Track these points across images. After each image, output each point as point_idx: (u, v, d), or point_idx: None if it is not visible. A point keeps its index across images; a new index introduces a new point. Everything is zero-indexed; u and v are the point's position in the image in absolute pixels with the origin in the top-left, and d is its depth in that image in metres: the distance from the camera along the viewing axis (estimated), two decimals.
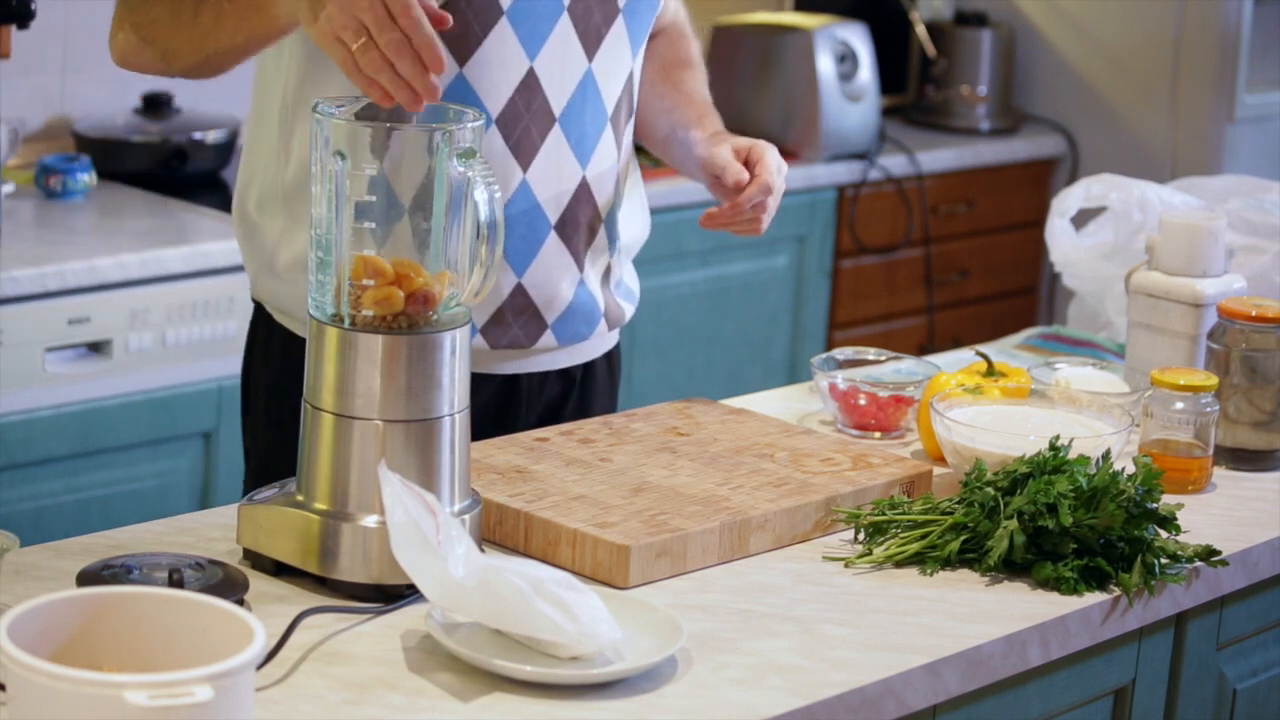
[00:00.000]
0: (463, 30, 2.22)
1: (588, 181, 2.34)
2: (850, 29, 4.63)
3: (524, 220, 2.30)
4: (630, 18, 2.34)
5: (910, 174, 4.67)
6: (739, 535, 2.07)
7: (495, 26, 2.24)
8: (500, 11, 2.24)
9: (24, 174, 3.72)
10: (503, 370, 2.36)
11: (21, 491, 3.29)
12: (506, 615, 1.78)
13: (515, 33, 2.25)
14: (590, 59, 2.31)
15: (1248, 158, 4.83)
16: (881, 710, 1.83)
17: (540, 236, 2.31)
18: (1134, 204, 2.85)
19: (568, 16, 2.28)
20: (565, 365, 2.41)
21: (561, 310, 2.35)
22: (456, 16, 2.19)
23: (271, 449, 2.40)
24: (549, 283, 2.33)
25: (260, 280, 2.36)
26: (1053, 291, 5.03)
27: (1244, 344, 2.43)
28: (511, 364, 2.36)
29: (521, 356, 2.36)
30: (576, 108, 2.31)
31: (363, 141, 1.89)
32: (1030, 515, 2.05)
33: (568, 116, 2.31)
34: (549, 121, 2.29)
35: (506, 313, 2.32)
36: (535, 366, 2.38)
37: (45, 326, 3.29)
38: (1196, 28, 4.82)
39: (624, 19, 2.33)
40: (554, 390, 2.41)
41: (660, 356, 4.28)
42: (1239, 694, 2.30)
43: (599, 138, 2.34)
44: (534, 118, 2.28)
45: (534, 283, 2.32)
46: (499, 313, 2.31)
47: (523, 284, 2.32)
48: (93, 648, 1.57)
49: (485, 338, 2.31)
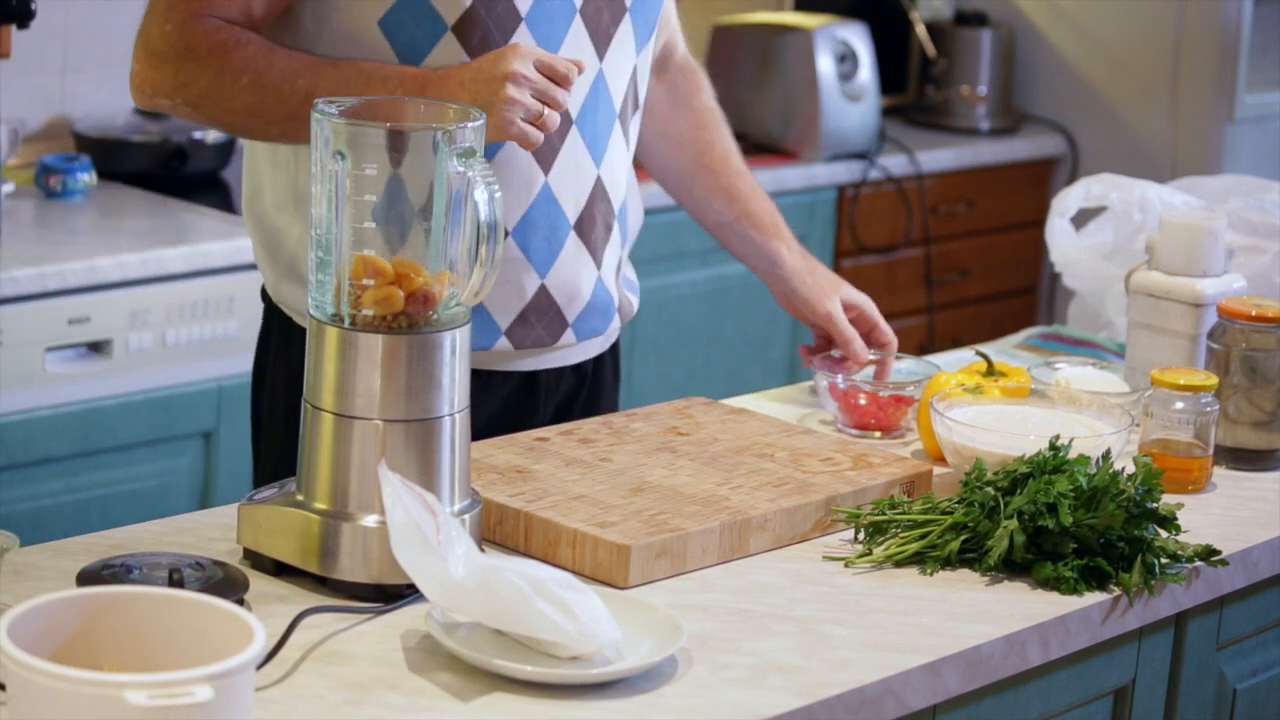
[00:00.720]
0: (483, 37, 2.23)
1: (602, 179, 2.35)
2: (850, 29, 4.63)
3: (545, 222, 2.32)
4: (636, 16, 2.35)
5: (910, 174, 4.67)
6: (739, 535, 2.07)
7: (515, 32, 2.25)
8: (520, 17, 2.25)
9: (24, 174, 3.72)
10: (523, 368, 2.38)
11: (21, 491, 3.29)
12: (506, 615, 1.78)
13: (534, 36, 2.26)
14: (601, 59, 2.33)
15: (1248, 158, 4.83)
16: (881, 710, 1.83)
17: (561, 237, 2.33)
18: (1134, 204, 2.85)
19: (580, 18, 2.30)
20: (579, 360, 2.44)
21: (581, 308, 2.38)
22: (478, 25, 2.22)
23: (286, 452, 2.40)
24: (570, 282, 2.36)
25: (283, 286, 2.36)
26: (1053, 291, 5.03)
27: (1244, 344, 2.43)
28: (530, 361, 2.38)
29: (541, 353, 2.38)
30: (590, 108, 2.33)
31: (363, 141, 1.89)
32: (1030, 515, 2.05)
33: (583, 117, 2.33)
34: (566, 123, 2.31)
35: (530, 314, 2.34)
36: (552, 363, 2.40)
37: (45, 326, 3.29)
38: (1196, 28, 4.82)
39: (630, 17, 2.34)
40: (569, 384, 2.44)
41: (660, 356, 4.28)
42: (1239, 694, 2.30)
43: (610, 135, 2.36)
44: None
45: (556, 283, 2.35)
46: (523, 314, 2.34)
47: (545, 285, 2.34)
48: (93, 648, 1.57)
49: (509, 339, 2.34)
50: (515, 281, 2.32)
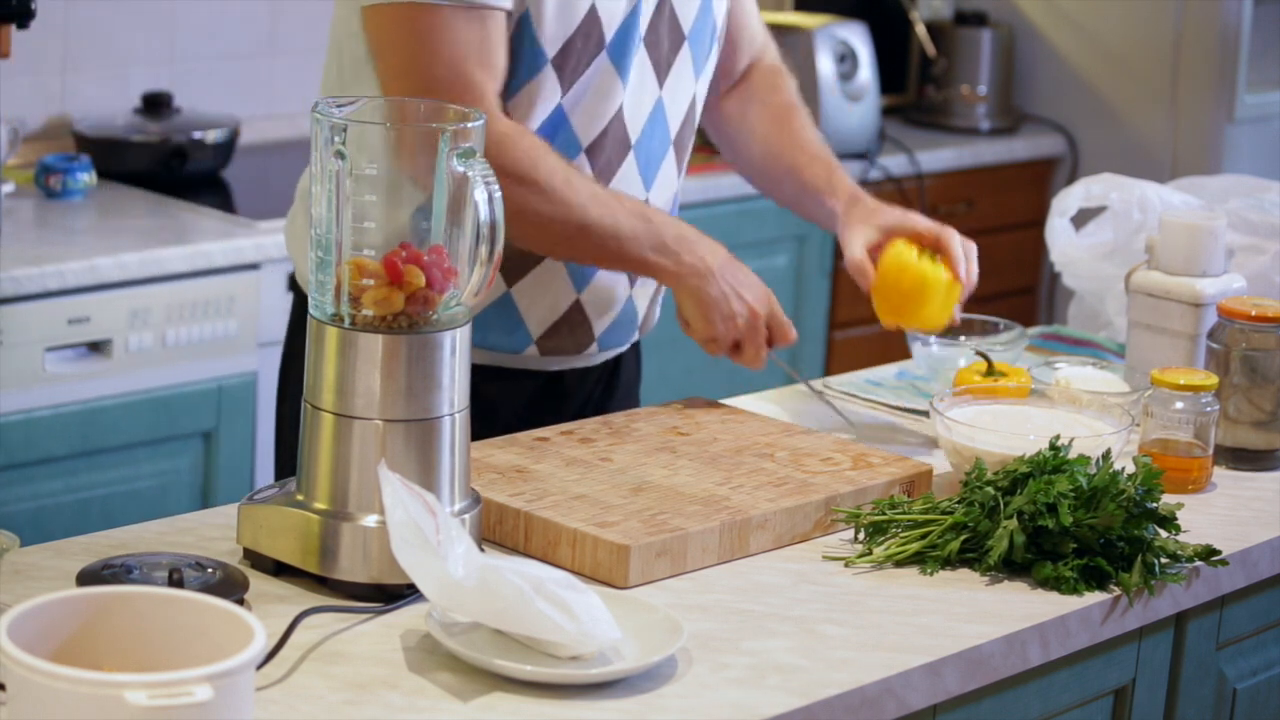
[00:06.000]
0: (574, 69, 2.27)
1: (649, 204, 2.38)
2: (850, 29, 4.63)
3: None
4: (694, 44, 2.39)
5: (910, 174, 4.67)
6: (739, 535, 2.07)
7: (595, 59, 2.28)
8: (602, 44, 2.28)
9: (24, 174, 3.72)
10: (549, 368, 2.43)
11: (21, 491, 3.29)
12: (506, 615, 1.78)
13: (613, 65, 2.28)
14: (661, 86, 2.37)
15: (1248, 158, 4.83)
16: (881, 710, 1.83)
17: None
18: (1134, 204, 2.85)
19: (644, 47, 2.32)
20: (603, 359, 2.50)
21: (610, 323, 2.43)
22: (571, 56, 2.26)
23: None
24: (603, 299, 2.40)
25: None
26: (1053, 291, 5.03)
27: (1244, 344, 2.43)
28: (558, 362, 2.43)
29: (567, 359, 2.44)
30: (648, 135, 2.37)
31: (363, 141, 1.89)
32: (1030, 515, 2.05)
33: (640, 144, 2.37)
34: (625, 149, 2.35)
35: (562, 325, 2.39)
36: (577, 364, 2.46)
37: (45, 326, 3.29)
38: (1196, 28, 4.82)
39: (689, 45, 2.37)
40: (593, 380, 2.50)
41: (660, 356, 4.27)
42: (1239, 694, 2.30)
43: (662, 162, 2.41)
44: (615, 147, 2.34)
45: (590, 299, 2.39)
46: (555, 325, 2.39)
47: (580, 300, 2.38)
48: (93, 648, 1.57)
49: (539, 347, 2.39)
50: (552, 294, 2.37)
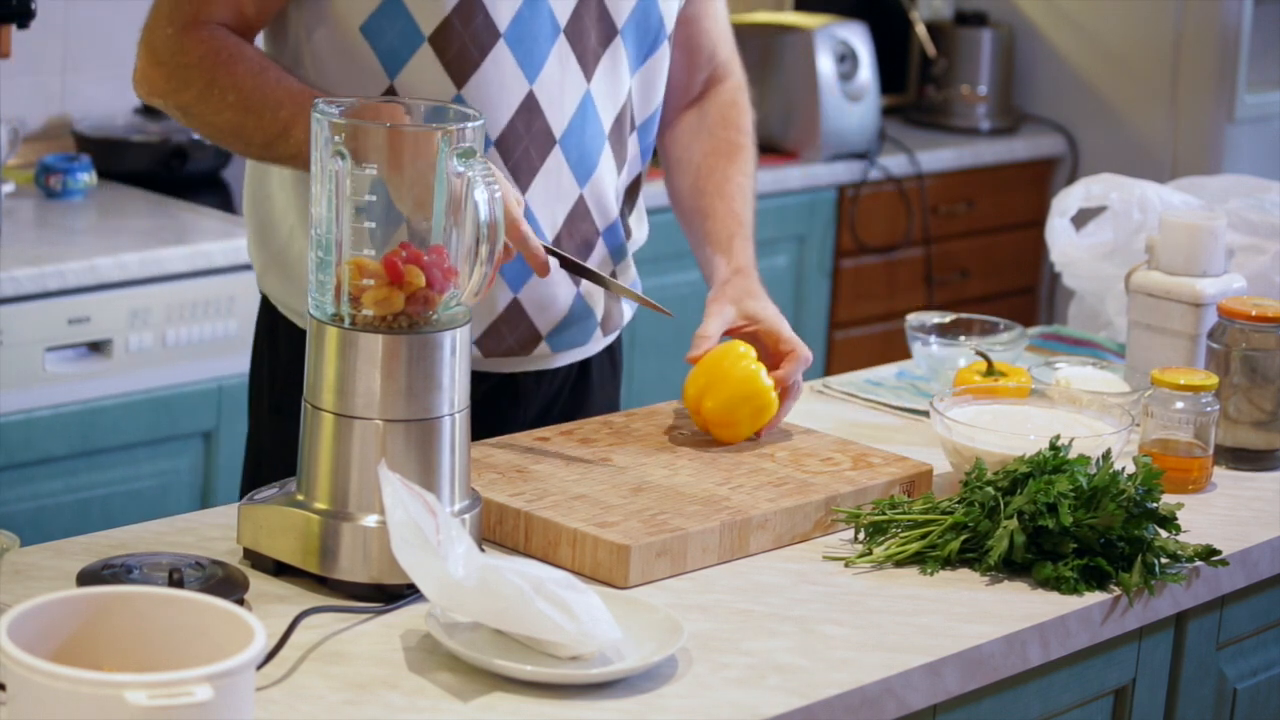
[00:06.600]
0: (460, 52, 2.22)
1: (585, 199, 2.34)
2: (850, 29, 4.63)
3: None
4: (628, 38, 2.34)
5: (910, 174, 4.67)
6: (739, 535, 2.07)
7: (493, 49, 2.24)
8: (498, 34, 2.24)
9: (24, 174, 3.72)
10: (500, 370, 2.37)
11: (21, 491, 3.29)
12: (506, 615, 1.78)
13: (513, 55, 2.25)
14: (589, 79, 2.31)
15: (1248, 158, 4.83)
16: (881, 710, 1.83)
17: None
18: (1134, 204, 2.85)
19: (564, 38, 2.28)
20: (562, 364, 2.42)
21: (557, 322, 2.36)
22: (454, 38, 2.21)
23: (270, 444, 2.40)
24: (544, 297, 2.34)
25: (268, 274, 2.37)
26: (1053, 291, 5.03)
27: (1244, 344, 2.43)
28: (508, 364, 2.37)
29: (517, 360, 2.37)
30: (577, 129, 2.32)
31: (363, 141, 1.89)
32: (1030, 515, 2.05)
33: (568, 138, 2.31)
34: (549, 143, 2.30)
35: (501, 326, 2.33)
36: (532, 366, 2.39)
37: (45, 326, 3.29)
38: (1196, 28, 4.82)
39: (622, 39, 2.33)
40: (551, 386, 2.42)
41: (660, 356, 4.27)
42: (1239, 694, 2.30)
43: (598, 156, 2.35)
44: (534, 140, 2.29)
45: (529, 298, 2.33)
46: (494, 325, 2.32)
47: (518, 299, 2.33)
48: (93, 648, 1.57)
49: (479, 348, 2.32)
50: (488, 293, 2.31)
